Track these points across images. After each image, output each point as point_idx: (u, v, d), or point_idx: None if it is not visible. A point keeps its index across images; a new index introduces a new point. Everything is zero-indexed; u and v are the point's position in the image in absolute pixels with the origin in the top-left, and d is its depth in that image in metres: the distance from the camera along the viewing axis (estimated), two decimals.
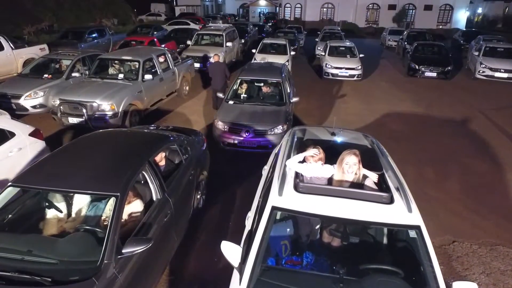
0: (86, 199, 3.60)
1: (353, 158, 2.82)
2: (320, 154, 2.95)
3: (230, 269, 3.88)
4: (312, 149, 2.96)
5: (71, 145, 3.73)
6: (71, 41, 13.91)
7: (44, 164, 3.34)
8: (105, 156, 3.47)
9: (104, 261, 2.58)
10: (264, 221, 2.53)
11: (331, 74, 12.72)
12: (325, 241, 3.11)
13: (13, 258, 2.62)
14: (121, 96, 7.05)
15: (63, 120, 6.94)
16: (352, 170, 2.83)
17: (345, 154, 2.86)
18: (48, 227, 3.34)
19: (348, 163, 2.83)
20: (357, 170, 2.84)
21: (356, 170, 2.84)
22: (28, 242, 2.84)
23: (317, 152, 2.94)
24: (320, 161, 2.97)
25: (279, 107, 6.85)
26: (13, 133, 4.72)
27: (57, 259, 2.61)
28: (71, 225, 3.43)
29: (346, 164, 2.83)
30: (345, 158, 2.84)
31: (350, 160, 2.82)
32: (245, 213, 4.83)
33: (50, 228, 3.34)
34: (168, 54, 9.30)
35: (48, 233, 3.27)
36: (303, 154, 2.97)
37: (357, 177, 2.87)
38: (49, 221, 3.39)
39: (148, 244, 2.76)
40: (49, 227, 3.34)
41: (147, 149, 3.71)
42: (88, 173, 3.13)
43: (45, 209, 3.46)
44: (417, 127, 8.53)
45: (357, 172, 2.85)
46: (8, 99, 7.94)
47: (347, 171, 2.84)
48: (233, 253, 2.51)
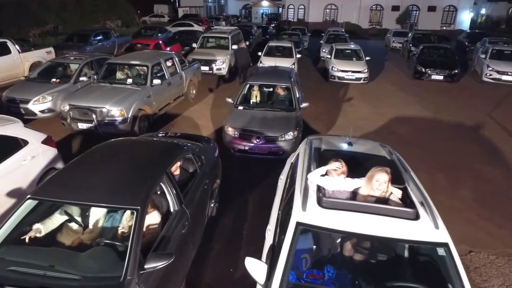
0: (103, 211, 3.58)
1: (385, 176, 2.79)
2: (343, 168, 2.92)
3: (247, 280, 3.87)
4: (335, 163, 2.93)
5: (87, 156, 3.71)
6: (77, 44, 13.91)
7: (62, 176, 3.32)
8: (123, 167, 3.45)
9: (127, 277, 2.56)
10: (289, 238, 2.50)
11: (337, 77, 12.68)
12: (346, 254, 3.07)
13: (36, 274, 2.60)
14: (130, 102, 7.04)
15: (73, 125, 6.93)
16: (382, 187, 2.80)
17: (377, 171, 2.82)
18: (65, 239, 3.31)
19: (378, 180, 2.80)
20: (386, 188, 2.81)
21: (385, 188, 2.81)
22: (48, 256, 2.82)
23: (339, 166, 2.91)
24: (343, 175, 2.94)
25: (289, 113, 6.81)
26: (26, 141, 4.70)
27: (80, 275, 2.58)
28: (88, 237, 3.41)
29: (376, 181, 2.80)
30: (376, 175, 2.81)
31: (381, 177, 2.79)
32: (258, 222, 4.83)
33: (66, 240, 3.31)
34: (176, 58, 9.28)
35: (65, 245, 3.26)
36: (325, 168, 2.95)
37: (384, 194, 2.84)
38: (66, 233, 3.36)
39: (170, 259, 2.74)
40: (66, 239, 3.32)
41: (163, 160, 3.69)
42: (107, 186, 3.11)
43: (61, 221, 3.44)
44: (426, 132, 8.48)
45: (386, 190, 2.82)
46: (17, 103, 7.95)
47: (376, 188, 2.81)
48: (258, 270, 2.48)
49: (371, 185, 2.87)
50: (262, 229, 4.64)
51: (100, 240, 3.04)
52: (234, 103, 7.18)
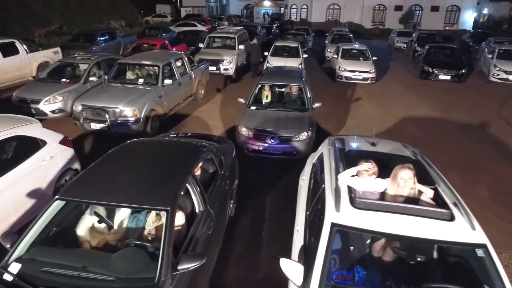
0: (127, 212, 3.57)
1: (408, 172, 2.78)
2: (374, 168, 2.91)
3: (270, 281, 3.87)
4: (366, 163, 2.92)
5: (110, 156, 3.70)
6: (83, 44, 13.89)
7: (88, 177, 3.31)
8: (148, 168, 3.44)
9: (161, 278, 2.55)
10: (325, 239, 2.49)
11: (344, 77, 12.67)
12: (375, 255, 3.06)
13: (69, 275, 2.60)
14: (143, 102, 7.03)
15: (85, 126, 6.92)
16: (408, 184, 2.79)
17: (399, 169, 2.81)
18: (91, 240, 3.31)
19: (403, 178, 2.78)
20: (412, 184, 2.80)
21: (412, 184, 2.80)
22: (79, 257, 2.81)
23: (371, 166, 2.90)
24: (374, 175, 2.93)
25: (303, 113, 6.80)
26: (45, 141, 4.69)
27: (114, 276, 2.58)
28: (113, 238, 3.41)
29: (401, 179, 2.79)
30: (400, 172, 2.80)
31: (405, 174, 2.78)
32: (276, 223, 4.83)
33: (93, 241, 3.31)
34: (185, 58, 9.27)
35: (92, 246, 3.25)
36: (356, 168, 2.94)
37: (412, 192, 2.83)
38: (92, 234, 3.36)
39: (202, 260, 2.73)
40: (92, 240, 3.31)
41: (188, 160, 3.68)
42: (136, 187, 3.10)
43: (88, 222, 3.44)
44: (437, 132, 8.47)
45: (413, 186, 2.81)
46: (28, 104, 7.93)
47: (402, 186, 2.80)
48: (294, 271, 2.47)
49: (396, 184, 2.86)
50: (281, 230, 4.66)
51: (129, 241, 3.03)
52: (246, 103, 7.16)
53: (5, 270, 2.61)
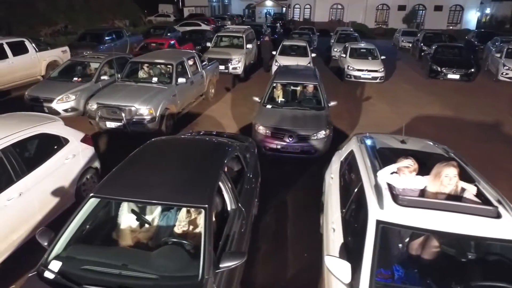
0: (157, 209, 3.55)
1: (453, 170, 2.75)
2: (415, 165, 2.88)
3: (299, 280, 3.84)
4: (406, 160, 2.89)
5: (140, 154, 3.67)
6: (91, 43, 13.86)
7: (121, 174, 3.28)
8: (180, 166, 3.41)
9: (205, 276, 2.52)
10: (372, 236, 2.47)
11: (353, 76, 12.64)
12: (413, 253, 3.03)
13: (110, 273, 2.56)
14: (158, 100, 7.00)
15: (101, 124, 6.88)
16: (452, 182, 2.76)
17: (443, 167, 2.78)
18: (122, 238, 3.28)
19: (448, 175, 2.75)
20: (456, 182, 2.77)
21: (455, 182, 2.77)
22: (118, 255, 2.79)
23: (411, 163, 2.87)
24: (414, 172, 2.90)
25: (319, 112, 6.77)
26: (67, 139, 4.66)
27: (157, 274, 2.55)
28: (144, 236, 3.37)
29: (445, 176, 2.76)
30: (444, 170, 2.76)
31: (450, 172, 2.75)
32: (300, 221, 4.80)
33: (124, 239, 3.28)
34: (197, 57, 9.24)
35: (123, 244, 3.22)
36: (396, 165, 2.91)
37: (455, 189, 2.80)
38: (123, 232, 3.33)
39: (243, 258, 2.70)
40: (124, 238, 3.28)
41: (217, 158, 3.65)
42: (171, 184, 3.07)
43: (119, 220, 3.41)
44: (450, 131, 8.43)
45: (457, 184, 2.78)
46: (40, 102, 7.90)
47: (447, 183, 2.76)
48: (341, 268, 2.43)
49: (440, 182, 2.83)
50: (305, 228, 4.66)
51: (166, 239, 2.99)
52: (262, 101, 7.13)
53: (45, 268, 2.58)
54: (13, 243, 3.74)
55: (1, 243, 3.57)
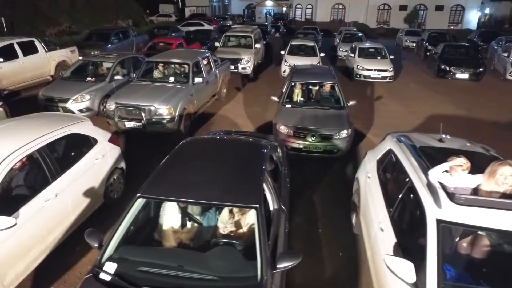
0: (198, 210, 3.52)
1: (509, 169, 2.73)
2: (468, 163, 2.87)
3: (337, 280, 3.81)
4: (458, 158, 2.87)
5: (178, 155, 3.63)
6: (98, 43, 13.76)
7: (164, 174, 3.24)
8: (223, 166, 3.38)
9: (264, 276, 2.49)
10: (433, 236, 2.45)
11: (362, 76, 12.65)
12: (462, 252, 3.01)
13: (168, 274, 2.53)
14: (177, 100, 6.96)
15: (119, 124, 6.83)
16: (508, 181, 2.74)
17: (499, 165, 2.76)
18: (166, 239, 3.25)
19: (503, 174, 2.74)
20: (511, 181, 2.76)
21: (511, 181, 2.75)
22: (172, 256, 2.75)
23: (464, 161, 2.85)
24: (467, 171, 2.88)
25: (340, 111, 6.76)
26: (96, 139, 4.61)
27: (215, 275, 2.51)
28: (186, 236, 3.34)
29: (500, 175, 2.74)
30: (499, 169, 2.75)
31: (505, 170, 2.73)
32: (330, 221, 4.78)
33: (168, 239, 3.24)
34: (211, 57, 9.20)
35: (167, 245, 3.18)
36: (448, 164, 2.89)
37: (510, 188, 2.78)
38: (166, 232, 3.30)
39: (299, 258, 2.67)
40: (167, 239, 3.25)
41: (257, 158, 3.62)
42: (219, 184, 3.04)
43: (160, 221, 3.37)
44: (466, 130, 8.41)
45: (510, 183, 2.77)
46: (55, 102, 7.84)
47: (502, 182, 2.75)
48: (404, 268, 2.41)
49: (494, 180, 2.81)
50: (336, 228, 4.64)
51: (217, 240, 2.96)
52: (281, 101, 7.10)
53: (100, 270, 2.54)
54: (49, 245, 3.69)
55: (39, 245, 3.53)
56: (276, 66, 14.14)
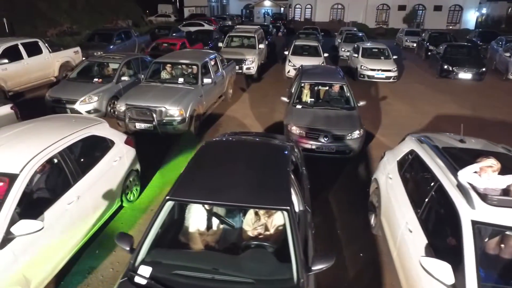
0: (222, 212, 3.51)
1: None
2: (498, 164, 2.88)
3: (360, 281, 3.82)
4: (489, 159, 2.89)
5: (202, 157, 3.61)
6: (101, 44, 13.68)
7: (191, 177, 3.22)
8: (249, 168, 3.36)
9: (300, 279, 2.49)
10: (470, 237, 2.46)
11: (367, 76, 12.68)
12: (490, 252, 3.03)
13: (204, 278, 2.52)
14: (188, 101, 6.94)
15: (130, 126, 6.79)
16: None
17: None
18: (193, 241, 3.24)
19: None
20: None
21: None
22: (204, 259, 2.74)
23: (494, 162, 2.87)
24: (497, 171, 2.89)
25: (351, 112, 6.78)
26: (113, 141, 4.59)
27: (251, 278, 2.50)
28: (212, 239, 3.33)
29: None
30: None
31: None
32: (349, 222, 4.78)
33: (195, 242, 3.24)
34: (218, 57, 9.18)
35: (195, 247, 3.17)
36: (478, 165, 2.90)
37: None
38: (192, 235, 3.28)
39: (333, 260, 2.67)
40: (194, 241, 3.24)
41: (281, 159, 3.62)
42: (248, 187, 3.03)
43: (186, 223, 3.36)
44: (473, 130, 8.38)
45: None
46: (63, 104, 7.79)
47: None
48: (441, 270, 2.41)
49: None
50: (354, 228, 4.64)
51: (247, 242, 2.95)
52: (291, 102, 7.10)
53: (135, 273, 2.52)
54: (72, 248, 3.67)
55: (63, 248, 3.50)
56: (281, 64, 14.18)
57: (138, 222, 4.68)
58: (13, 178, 3.10)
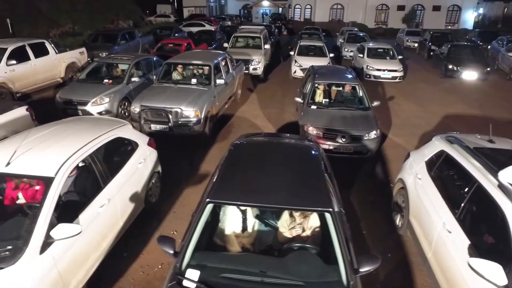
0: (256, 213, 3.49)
1: None
2: None
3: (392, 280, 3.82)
4: None
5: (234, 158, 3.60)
6: (105, 44, 13.61)
7: (228, 179, 3.21)
8: (283, 169, 3.35)
9: (350, 281, 2.48)
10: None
11: (373, 76, 12.72)
12: None
13: (253, 281, 2.50)
14: (202, 102, 6.90)
15: (145, 127, 6.74)
16: None
17: None
18: (230, 244, 3.22)
19: None
20: None
21: None
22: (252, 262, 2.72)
23: None
24: None
25: (366, 112, 6.79)
26: (137, 143, 4.56)
27: (301, 280, 2.49)
28: (248, 241, 3.32)
29: None
30: None
31: None
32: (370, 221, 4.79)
33: (232, 244, 3.22)
34: (228, 58, 9.16)
35: (232, 249, 3.16)
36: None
37: None
38: (229, 237, 3.27)
39: (379, 262, 2.66)
40: (231, 244, 3.23)
41: (315, 160, 3.62)
42: (288, 188, 3.02)
43: (221, 225, 3.35)
44: (484, 129, 8.49)
45: None
46: (75, 105, 7.73)
47: None
48: (492, 271, 2.42)
49: None
50: (379, 228, 4.65)
51: (290, 244, 2.94)
52: (305, 102, 7.10)
53: (183, 277, 2.50)
54: (103, 252, 3.63)
55: (95, 252, 3.47)
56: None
57: (162, 224, 4.66)
58: (49, 181, 3.07)
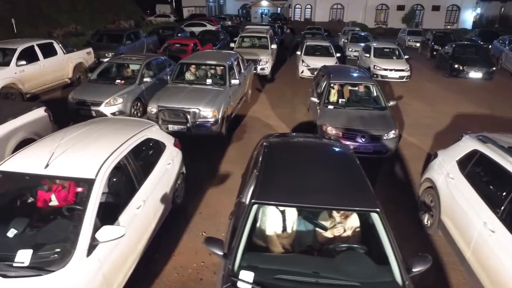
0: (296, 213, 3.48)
1: None
2: None
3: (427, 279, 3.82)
4: None
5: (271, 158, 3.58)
6: (111, 44, 13.54)
7: (269, 179, 3.19)
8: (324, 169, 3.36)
9: (405, 281, 2.49)
10: None
11: (380, 75, 12.75)
12: None
13: (307, 282, 2.49)
14: (219, 102, 6.89)
15: (163, 127, 6.66)
16: None
17: None
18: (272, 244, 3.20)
19: None
20: None
21: None
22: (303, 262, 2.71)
23: None
24: None
25: (383, 112, 6.81)
26: (165, 144, 4.53)
27: (356, 281, 2.49)
28: (287, 241, 3.31)
29: None
30: None
31: None
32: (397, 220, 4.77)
33: (274, 245, 3.20)
34: (240, 58, 9.14)
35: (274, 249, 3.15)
36: None
37: None
38: (271, 237, 3.25)
39: (430, 262, 2.67)
40: (273, 244, 3.21)
41: (351, 159, 3.62)
42: (332, 189, 3.02)
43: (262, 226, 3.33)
44: (496, 129, 8.55)
45: None
46: (88, 106, 7.67)
47: None
48: None
49: None
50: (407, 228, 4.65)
51: (336, 245, 2.93)
52: (322, 102, 7.10)
53: (237, 279, 2.49)
54: (139, 253, 3.60)
55: (133, 254, 3.44)
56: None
57: (190, 225, 4.64)
58: (90, 183, 3.04)
